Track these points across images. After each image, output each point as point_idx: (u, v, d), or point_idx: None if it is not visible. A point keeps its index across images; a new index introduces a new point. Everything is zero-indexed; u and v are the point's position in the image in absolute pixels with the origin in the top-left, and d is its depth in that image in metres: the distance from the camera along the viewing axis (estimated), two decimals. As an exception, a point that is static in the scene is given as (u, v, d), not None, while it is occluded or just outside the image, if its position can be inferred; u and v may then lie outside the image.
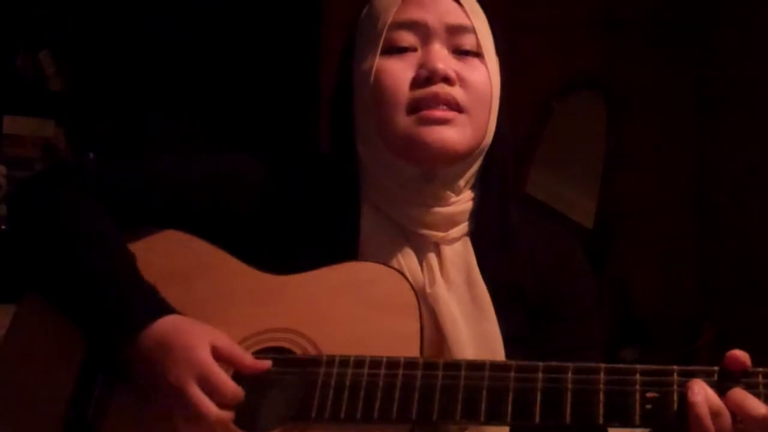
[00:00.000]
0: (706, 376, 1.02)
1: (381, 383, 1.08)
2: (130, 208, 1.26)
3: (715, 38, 3.24)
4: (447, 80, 1.19)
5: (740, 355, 1.02)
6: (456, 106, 1.19)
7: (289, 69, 3.08)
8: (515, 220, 1.28)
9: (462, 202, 1.25)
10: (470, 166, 1.24)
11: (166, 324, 1.14)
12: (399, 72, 1.21)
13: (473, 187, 1.27)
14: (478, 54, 1.23)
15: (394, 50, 1.22)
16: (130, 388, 1.14)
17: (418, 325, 1.12)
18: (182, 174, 1.29)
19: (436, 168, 1.21)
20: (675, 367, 1.02)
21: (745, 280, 3.00)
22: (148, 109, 3.01)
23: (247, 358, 1.13)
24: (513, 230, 1.27)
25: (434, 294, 1.20)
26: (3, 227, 2.84)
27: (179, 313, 1.16)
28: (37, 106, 2.99)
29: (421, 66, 1.20)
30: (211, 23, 3.07)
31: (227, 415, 1.10)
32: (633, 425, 1.01)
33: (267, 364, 1.13)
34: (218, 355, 1.12)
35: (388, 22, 1.22)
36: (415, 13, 1.22)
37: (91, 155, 2.92)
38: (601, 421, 1.03)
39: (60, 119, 3.00)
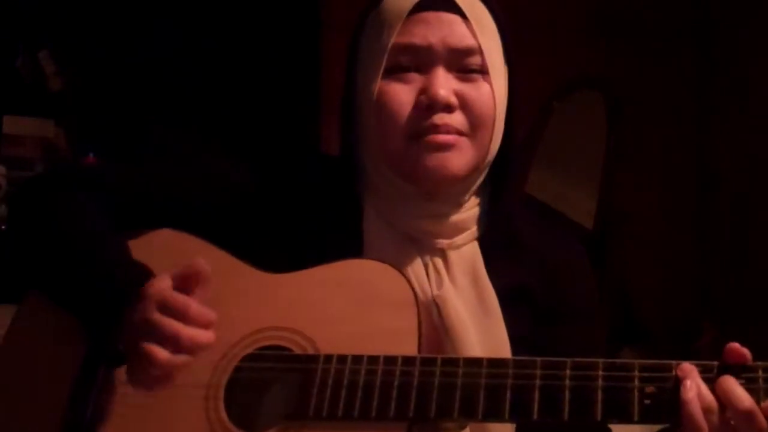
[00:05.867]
0: (706, 372, 1.00)
1: (378, 381, 1.08)
2: (130, 209, 1.25)
3: (716, 39, 3.24)
4: (448, 107, 1.18)
5: (740, 348, 1.01)
6: (457, 132, 1.19)
7: (290, 70, 3.08)
8: (522, 224, 1.28)
9: (466, 209, 1.25)
10: (473, 183, 1.25)
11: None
12: (401, 96, 1.19)
13: (479, 193, 1.27)
14: (482, 71, 1.21)
15: (397, 70, 1.20)
16: (128, 388, 1.12)
17: (415, 322, 1.11)
18: (184, 175, 1.29)
19: (436, 189, 1.22)
20: (674, 362, 1.01)
21: (745, 280, 3.00)
22: (148, 109, 3.00)
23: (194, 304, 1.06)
24: (520, 233, 1.27)
25: (442, 296, 1.19)
26: (3, 227, 2.84)
27: None
28: (37, 106, 2.97)
29: (423, 92, 1.19)
30: (211, 24, 3.07)
31: (201, 335, 1.04)
32: (632, 422, 1.00)
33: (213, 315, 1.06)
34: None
35: (391, 41, 1.20)
36: (418, 35, 1.19)
37: (91, 155, 2.92)
38: (599, 417, 1.02)
39: (60, 119, 2.99)
